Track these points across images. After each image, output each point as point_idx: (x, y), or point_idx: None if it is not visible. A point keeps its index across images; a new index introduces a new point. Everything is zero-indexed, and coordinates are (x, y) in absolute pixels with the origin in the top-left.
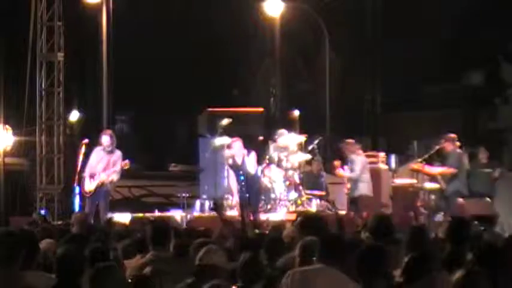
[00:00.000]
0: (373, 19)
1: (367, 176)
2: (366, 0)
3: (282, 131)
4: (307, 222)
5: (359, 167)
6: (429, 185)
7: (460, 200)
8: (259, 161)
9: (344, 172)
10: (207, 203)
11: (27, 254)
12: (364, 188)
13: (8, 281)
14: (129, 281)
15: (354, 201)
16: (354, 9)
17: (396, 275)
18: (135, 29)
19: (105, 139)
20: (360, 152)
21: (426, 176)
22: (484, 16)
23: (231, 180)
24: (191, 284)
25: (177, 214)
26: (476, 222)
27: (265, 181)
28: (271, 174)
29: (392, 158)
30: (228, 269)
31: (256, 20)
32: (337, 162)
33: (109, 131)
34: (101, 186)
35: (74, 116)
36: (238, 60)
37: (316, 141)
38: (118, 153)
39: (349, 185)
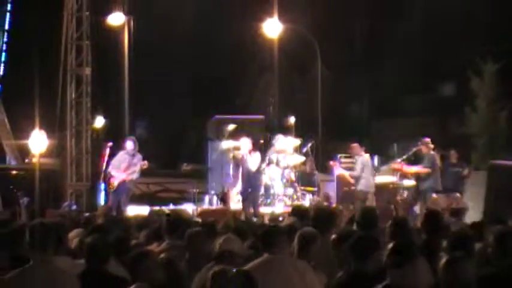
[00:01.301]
0: (359, 38)
1: (366, 174)
2: (353, 21)
3: (279, 136)
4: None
5: (359, 166)
6: (407, 182)
7: (434, 195)
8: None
9: (347, 171)
10: (214, 198)
11: (57, 241)
12: (363, 184)
13: (42, 264)
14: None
15: (357, 195)
16: (343, 30)
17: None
18: (152, 47)
19: (129, 144)
20: (363, 153)
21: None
22: (455, 36)
23: (237, 178)
24: (211, 268)
25: (188, 207)
26: (448, 214)
27: (265, 179)
28: (271, 173)
29: (376, 159)
30: (244, 255)
31: (257, 39)
32: (333, 163)
33: (132, 138)
34: (122, 183)
35: (99, 122)
36: (242, 74)
37: (309, 144)
38: (139, 156)
39: (353, 181)
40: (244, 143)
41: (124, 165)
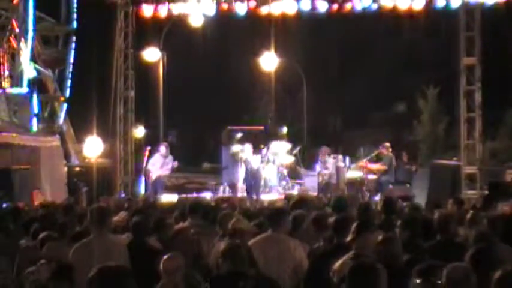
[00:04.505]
0: (335, 69)
1: (333, 172)
2: (331, 56)
3: (275, 141)
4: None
5: (331, 165)
6: (370, 177)
7: (390, 186)
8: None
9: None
10: (227, 188)
11: (111, 221)
12: (332, 178)
13: (100, 237)
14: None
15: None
16: (323, 62)
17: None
18: (180, 75)
19: (163, 149)
20: (330, 156)
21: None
22: (407, 68)
23: (242, 174)
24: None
25: (207, 195)
26: (400, 200)
27: (264, 174)
28: (269, 169)
29: (347, 159)
30: (252, 232)
31: (258, 70)
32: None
33: (165, 143)
34: (158, 178)
35: (141, 131)
36: (247, 97)
37: (297, 148)
38: (170, 157)
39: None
40: (248, 149)
41: (159, 165)
